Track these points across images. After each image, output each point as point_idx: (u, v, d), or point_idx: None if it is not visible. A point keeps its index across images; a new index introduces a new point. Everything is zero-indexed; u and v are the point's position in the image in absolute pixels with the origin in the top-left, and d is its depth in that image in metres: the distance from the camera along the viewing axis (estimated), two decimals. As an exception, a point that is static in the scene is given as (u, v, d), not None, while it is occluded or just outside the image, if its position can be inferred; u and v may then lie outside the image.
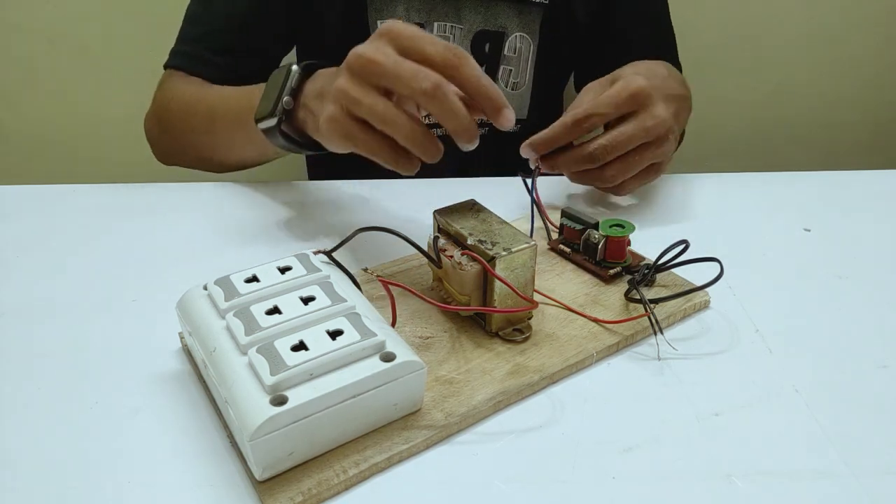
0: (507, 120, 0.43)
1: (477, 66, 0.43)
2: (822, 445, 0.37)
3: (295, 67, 0.51)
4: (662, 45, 0.81)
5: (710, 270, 0.45)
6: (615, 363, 0.42)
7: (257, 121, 0.52)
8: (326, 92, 0.46)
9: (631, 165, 0.54)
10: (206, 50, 0.72)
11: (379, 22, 0.75)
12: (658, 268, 0.48)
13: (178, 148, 0.71)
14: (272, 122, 0.51)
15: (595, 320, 0.44)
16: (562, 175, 0.57)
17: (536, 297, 0.45)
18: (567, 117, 0.53)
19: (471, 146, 0.44)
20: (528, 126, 0.77)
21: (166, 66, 0.73)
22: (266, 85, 0.53)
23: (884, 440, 0.37)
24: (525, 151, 0.55)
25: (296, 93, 0.51)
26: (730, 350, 0.44)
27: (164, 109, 0.71)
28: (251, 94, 0.56)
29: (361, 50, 0.44)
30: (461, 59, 0.42)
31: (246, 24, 0.72)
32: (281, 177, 0.68)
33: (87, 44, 1.10)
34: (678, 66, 0.81)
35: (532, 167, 0.55)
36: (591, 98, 0.55)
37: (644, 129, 0.53)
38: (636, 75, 0.54)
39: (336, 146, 0.47)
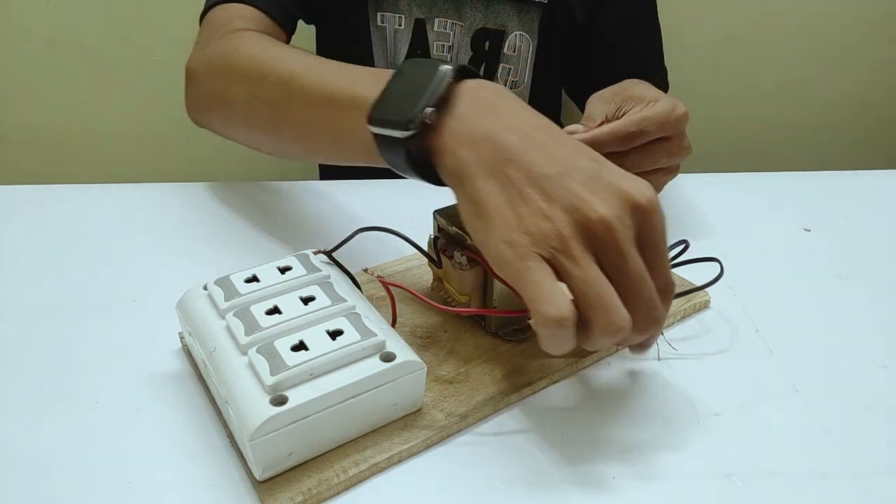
0: (641, 356, 0.40)
1: None
2: (822, 445, 0.37)
3: (446, 69, 0.38)
4: (657, 50, 0.81)
5: (710, 270, 0.45)
6: (615, 363, 0.42)
7: (373, 122, 0.39)
8: (513, 181, 0.34)
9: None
10: None
11: (380, 15, 0.74)
12: (658, 268, 0.47)
13: (227, 110, 0.57)
14: (400, 133, 0.37)
15: (595, 320, 0.44)
16: None
17: (536, 297, 0.44)
18: (618, 126, 0.49)
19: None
20: None
21: (207, 9, 0.64)
22: (395, 78, 0.40)
23: (884, 440, 0.37)
24: None
25: (441, 103, 0.37)
26: (730, 350, 0.44)
27: (227, 60, 0.56)
28: (354, 76, 0.44)
29: (606, 213, 0.33)
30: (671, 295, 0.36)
31: None
32: (286, 176, 0.68)
33: (87, 44, 1.10)
34: (664, 69, 0.81)
35: None
36: (601, 110, 0.52)
37: (679, 157, 0.52)
38: (677, 100, 0.52)
39: (501, 272, 0.35)
